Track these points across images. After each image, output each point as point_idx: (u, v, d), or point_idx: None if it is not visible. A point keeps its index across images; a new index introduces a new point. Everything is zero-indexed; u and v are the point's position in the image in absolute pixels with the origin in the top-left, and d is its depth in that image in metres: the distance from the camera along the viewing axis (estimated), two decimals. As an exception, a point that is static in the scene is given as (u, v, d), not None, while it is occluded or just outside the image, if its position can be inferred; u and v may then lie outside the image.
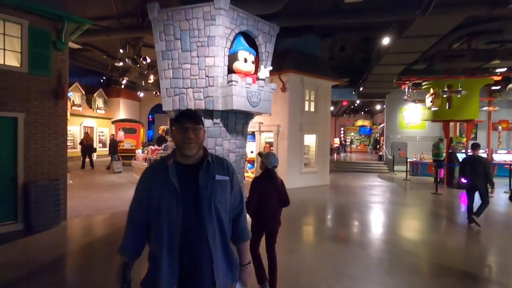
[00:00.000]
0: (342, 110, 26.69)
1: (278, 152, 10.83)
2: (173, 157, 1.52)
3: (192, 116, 1.52)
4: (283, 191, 3.38)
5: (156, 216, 1.44)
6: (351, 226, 6.40)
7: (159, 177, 1.47)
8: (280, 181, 3.41)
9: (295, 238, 5.36)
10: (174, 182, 1.42)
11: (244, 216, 1.68)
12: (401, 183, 12.31)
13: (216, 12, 6.47)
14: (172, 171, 1.45)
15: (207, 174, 1.49)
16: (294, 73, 10.35)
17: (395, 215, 7.39)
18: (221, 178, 1.53)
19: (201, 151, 1.55)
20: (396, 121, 16.87)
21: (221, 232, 1.49)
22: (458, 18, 7.05)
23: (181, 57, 6.91)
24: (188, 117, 1.50)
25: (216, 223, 1.46)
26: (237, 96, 6.53)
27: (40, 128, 5.78)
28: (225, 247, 1.51)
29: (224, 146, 7.26)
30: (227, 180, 1.56)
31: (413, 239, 5.51)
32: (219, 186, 1.50)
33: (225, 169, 1.59)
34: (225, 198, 1.54)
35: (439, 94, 10.79)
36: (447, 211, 7.99)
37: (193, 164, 1.51)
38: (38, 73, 5.74)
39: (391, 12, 6.85)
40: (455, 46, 11.68)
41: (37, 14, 5.64)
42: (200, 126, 1.51)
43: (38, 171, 5.74)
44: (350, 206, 8.05)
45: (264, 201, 3.19)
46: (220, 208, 1.48)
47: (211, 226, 1.44)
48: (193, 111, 1.57)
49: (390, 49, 9.81)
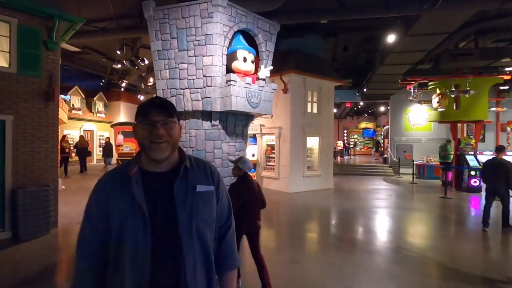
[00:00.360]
0: (345, 112, 26.36)
1: (280, 155, 10.52)
2: (137, 163, 1.15)
3: (162, 105, 1.14)
4: (260, 193, 3.47)
5: (115, 247, 1.08)
6: (358, 233, 6.05)
7: (118, 192, 1.10)
8: (256, 184, 3.50)
9: (298, 247, 5.02)
10: (139, 199, 1.07)
11: (232, 235, 1.30)
12: (408, 187, 11.92)
13: (213, 9, 6.20)
14: (136, 184, 1.09)
15: (185, 184, 1.14)
16: (296, 74, 10.06)
17: (404, 221, 7.03)
18: (204, 189, 1.18)
19: (175, 154, 1.19)
20: (401, 123, 16.50)
21: (205, 262, 1.14)
22: (467, 13, 6.72)
23: (178, 57, 6.64)
24: (157, 107, 1.12)
25: (198, 252, 1.11)
26: (236, 97, 6.23)
27: (30, 131, 5.52)
28: (209, 282, 1.15)
29: (223, 149, 6.95)
30: (212, 190, 1.20)
31: (424, 247, 5.14)
32: (202, 200, 1.16)
33: (209, 175, 1.23)
34: (211, 215, 1.19)
35: (446, 94, 10.44)
36: (458, 216, 7.60)
37: (165, 172, 1.16)
38: (27, 73, 5.48)
39: (397, 7, 6.54)
40: (461, 45, 11.35)
41: (26, 12, 5.40)
42: (174, 120, 1.14)
43: (27, 176, 5.47)
44: (355, 211, 7.69)
45: (243, 205, 3.23)
46: (203, 229, 1.14)
47: (190, 256, 1.08)
48: (163, 98, 1.18)
49: (395, 48, 9.50)
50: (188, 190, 1.14)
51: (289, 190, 10.11)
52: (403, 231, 6.23)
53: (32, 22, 5.51)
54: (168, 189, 1.11)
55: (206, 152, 6.82)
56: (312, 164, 11.22)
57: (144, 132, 1.11)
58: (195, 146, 6.86)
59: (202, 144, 6.86)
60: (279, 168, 10.56)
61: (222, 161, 6.94)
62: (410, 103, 14.57)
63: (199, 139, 6.86)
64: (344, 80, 12.62)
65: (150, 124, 1.10)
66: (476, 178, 10.22)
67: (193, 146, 6.85)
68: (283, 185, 10.33)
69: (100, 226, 1.10)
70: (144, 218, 1.06)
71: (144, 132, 1.11)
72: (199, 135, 6.89)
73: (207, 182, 1.21)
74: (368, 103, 21.59)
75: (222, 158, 6.96)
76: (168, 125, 1.12)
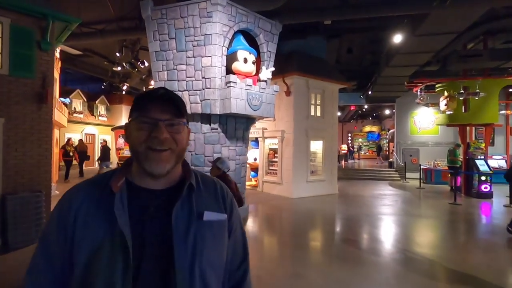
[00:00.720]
0: (349, 115, 26.05)
1: (282, 160, 10.24)
2: (125, 174, 0.86)
3: (168, 99, 0.84)
4: (237, 193, 3.58)
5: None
6: (364, 243, 5.73)
7: (92, 212, 0.81)
8: (234, 184, 3.62)
9: (301, 259, 4.73)
10: (122, 222, 0.77)
11: (248, 284, 0.97)
12: (415, 192, 11.55)
13: (212, 8, 5.98)
14: (120, 202, 0.80)
15: (188, 209, 0.84)
16: (299, 76, 9.81)
17: (413, 229, 6.69)
18: (213, 217, 0.87)
19: (178, 167, 0.89)
20: (407, 126, 16.14)
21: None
22: (478, 11, 6.42)
23: (176, 58, 6.43)
24: (161, 101, 0.82)
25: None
26: (236, 99, 5.99)
27: (21, 134, 5.31)
28: None
29: (223, 154, 6.69)
30: (224, 220, 0.90)
31: (436, 259, 4.81)
32: (210, 233, 0.85)
33: (220, 198, 0.93)
34: (220, 255, 0.88)
35: (454, 96, 10.10)
36: (470, 224, 7.24)
37: (162, 190, 0.86)
38: (20, 75, 5.29)
39: (404, 5, 6.26)
40: (469, 46, 11.03)
41: (19, 11, 5.21)
42: (182, 120, 0.85)
43: (18, 181, 5.25)
44: (361, 218, 7.36)
45: None
46: (209, 276, 0.82)
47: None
48: (169, 90, 0.86)
49: (402, 49, 9.22)
50: (191, 217, 0.83)
51: (292, 195, 9.81)
52: (412, 240, 5.89)
53: (25, 21, 5.32)
54: (164, 215, 0.81)
55: (205, 157, 6.58)
56: (316, 168, 10.91)
57: (140, 133, 0.81)
58: (194, 150, 6.62)
59: (201, 148, 6.62)
60: (282, 172, 10.28)
61: (222, 166, 6.69)
62: (416, 106, 14.22)
63: (198, 143, 6.63)
64: (348, 83, 12.34)
65: (150, 123, 0.80)
66: (487, 183, 9.84)
67: (192, 150, 6.62)
68: (286, 190, 10.04)
69: (60, 257, 0.81)
70: (125, 252, 0.75)
71: (141, 134, 0.81)
72: (198, 138, 6.66)
73: (217, 208, 0.90)
74: (373, 106, 21.26)
75: (222, 163, 6.70)
76: (174, 127, 0.83)
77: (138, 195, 0.83)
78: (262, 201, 9.37)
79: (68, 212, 0.81)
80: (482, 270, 4.35)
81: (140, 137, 0.81)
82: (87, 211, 0.81)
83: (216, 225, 0.87)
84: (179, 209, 0.82)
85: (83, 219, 0.80)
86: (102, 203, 0.81)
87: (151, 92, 0.84)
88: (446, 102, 10.44)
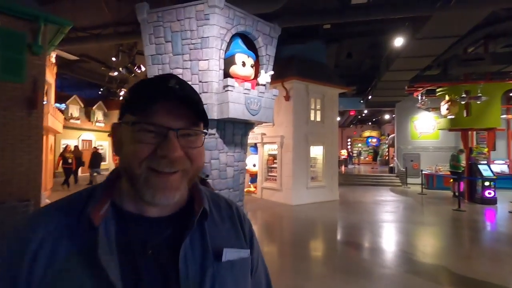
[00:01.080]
0: (349, 120, 25.93)
1: (282, 166, 10.03)
2: (109, 195, 0.61)
3: (185, 98, 0.57)
4: None
5: None
6: (368, 253, 5.49)
7: (63, 256, 0.54)
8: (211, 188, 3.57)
9: (302, 270, 4.49)
10: (114, 277, 0.52)
11: None
12: (417, 198, 11.32)
13: (210, 10, 5.82)
14: (106, 239, 0.55)
15: (202, 247, 0.61)
16: (298, 80, 9.66)
17: (417, 238, 6.46)
18: (235, 255, 0.64)
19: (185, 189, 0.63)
20: (408, 131, 15.98)
21: None
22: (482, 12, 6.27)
23: (172, 61, 6.25)
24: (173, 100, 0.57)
25: None
26: (233, 103, 5.79)
27: (10, 141, 5.09)
28: None
29: (221, 160, 6.48)
30: (247, 258, 0.67)
31: (445, 271, 4.58)
32: (232, 278, 0.62)
33: (238, 226, 0.71)
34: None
35: (456, 100, 9.96)
36: (476, 231, 7.01)
37: (164, 218, 0.62)
38: (9, 79, 5.10)
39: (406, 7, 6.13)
40: (470, 50, 10.93)
41: (9, 14, 5.05)
42: (202, 130, 0.62)
43: (5, 190, 5.01)
44: (363, 226, 7.13)
45: None
46: None
47: None
48: (184, 82, 0.60)
49: (402, 53, 9.09)
50: (206, 258, 0.60)
51: (291, 202, 9.57)
52: (418, 249, 5.66)
53: (15, 24, 5.15)
54: (168, 256, 0.58)
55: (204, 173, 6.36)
56: (316, 174, 10.69)
57: (139, 148, 0.55)
58: (191, 156, 6.41)
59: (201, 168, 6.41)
60: (281, 179, 10.06)
61: (220, 173, 6.46)
62: (416, 110, 14.08)
63: (194, 149, 6.42)
64: (348, 87, 12.21)
65: (156, 132, 0.56)
66: (490, 189, 9.64)
67: (189, 157, 6.40)
68: (286, 197, 9.80)
69: None
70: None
71: (140, 148, 0.55)
72: (195, 144, 6.45)
73: (237, 240, 0.67)
74: (373, 111, 21.14)
75: (220, 170, 6.48)
76: (190, 138, 0.59)
77: (130, 227, 0.58)
78: (261, 208, 9.13)
79: (19, 258, 0.52)
80: (492, 280, 4.12)
81: (139, 153, 0.55)
82: (50, 256, 0.53)
83: (238, 265, 0.64)
84: (189, 248, 0.59)
85: (46, 271, 0.52)
86: (78, 241, 0.54)
87: (157, 83, 0.57)
88: (448, 106, 10.30)
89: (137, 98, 0.58)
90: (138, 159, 0.55)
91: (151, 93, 0.56)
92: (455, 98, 9.98)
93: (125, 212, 0.60)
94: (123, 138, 0.58)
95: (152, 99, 0.55)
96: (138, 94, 0.59)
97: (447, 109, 10.37)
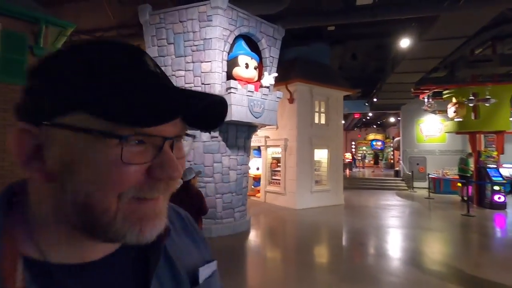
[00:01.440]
0: (353, 123, 25.72)
1: (286, 169, 9.89)
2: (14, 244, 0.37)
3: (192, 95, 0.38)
4: (200, 200, 3.62)
5: None
6: (375, 260, 5.32)
7: None
8: (195, 191, 3.66)
9: (306, 278, 4.33)
10: None
11: None
12: (424, 202, 11.09)
13: (212, 11, 5.75)
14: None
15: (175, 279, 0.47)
16: (302, 83, 9.53)
17: (426, 245, 6.26)
18: (208, 271, 0.53)
19: None
20: (413, 134, 15.74)
21: None
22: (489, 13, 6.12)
23: (175, 63, 6.18)
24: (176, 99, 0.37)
25: None
26: (236, 106, 5.70)
27: (10, 144, 5.03)
28: None
29: (224, 163, 6.37)
30: (216, 270, 0.56)
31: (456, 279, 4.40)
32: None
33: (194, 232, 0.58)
34: None
35: (463, 103, 9.75)
36: (487, 237, 6.79)
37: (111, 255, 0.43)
38: (10, 81, 5.04)
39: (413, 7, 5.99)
40: (477, 51, 10.74)
41: (10, 16, 5.01)
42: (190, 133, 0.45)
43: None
44: (370, 231, 6.95)
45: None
46: None
47: None
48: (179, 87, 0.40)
49: (408, 55, 8.95)
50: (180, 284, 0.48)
51: (296, 206, 9.41)
52: (428, 257, 5.47)
53: (16, 26, 5.12)
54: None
55: (204, 166, 6.26)
56: (321, 178, 10.52)
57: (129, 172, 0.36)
58: (193, 160, 6.31)
59: (200, 157, 6.30)
60: (285, 182, 9.90)
61: (222, 176, 6.35)
62: (422, 113, 13.86)
63: (197, 152, 6.31)
64: (353, 90, 12.05)
65: (150, 144, 0.38)
66: (500, 193, 9.39)
67: (191, 160, 6.30)
68: (290, 201, 9.65)
69: None
70: None
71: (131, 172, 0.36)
72: (197, 147, 6.35)
73: (198, 251, 0.56)
74: (377, 114, 20.93)
75: (222, 173, 6.37)
76: (178, 145, 0.42)
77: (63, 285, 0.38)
78: (264, 212, 8.99)
79: None
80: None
81: (126, 180, 0.36)
82: None
83: (213, 281, 0.54)
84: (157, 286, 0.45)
85: None
86: None
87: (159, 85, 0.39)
88: (455, 109, 10.08)
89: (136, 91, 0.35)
90: (119, 189, 0.36)
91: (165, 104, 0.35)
92: (463, 100, 9.78)
93: (54, 267, 0.38)
94: (78, 154, 0.36)
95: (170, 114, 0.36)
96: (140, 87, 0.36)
97: (454, 112, 10.16)
